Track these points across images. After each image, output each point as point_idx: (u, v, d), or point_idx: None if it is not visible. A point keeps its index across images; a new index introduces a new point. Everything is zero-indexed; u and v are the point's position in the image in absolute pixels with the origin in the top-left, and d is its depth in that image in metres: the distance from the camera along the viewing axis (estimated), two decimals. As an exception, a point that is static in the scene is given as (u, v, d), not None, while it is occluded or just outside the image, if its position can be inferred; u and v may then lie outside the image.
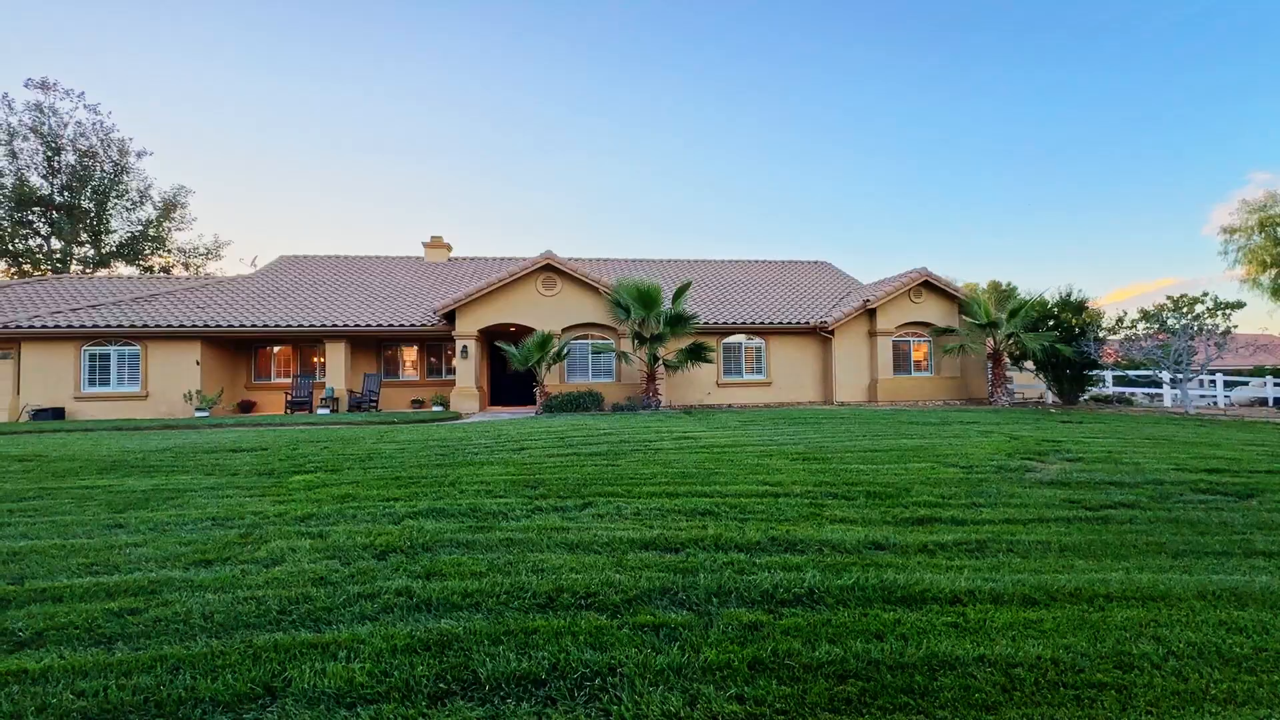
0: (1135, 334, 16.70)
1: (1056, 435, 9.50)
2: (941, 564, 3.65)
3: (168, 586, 3.34)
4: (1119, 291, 63.06)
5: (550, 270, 17.23)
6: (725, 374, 18.62)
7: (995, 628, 2.77)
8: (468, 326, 16.70)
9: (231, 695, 2.27)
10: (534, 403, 16.64)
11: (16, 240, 29.98)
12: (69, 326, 15.40)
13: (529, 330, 16.97)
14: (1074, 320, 16.98)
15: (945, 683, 2.32)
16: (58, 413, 15.14)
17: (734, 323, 18.20)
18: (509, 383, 20.22)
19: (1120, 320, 17.06)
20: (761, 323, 18.32)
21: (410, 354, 19.11)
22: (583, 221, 64.58)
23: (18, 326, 15.14)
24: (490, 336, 18.46)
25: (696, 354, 16.10)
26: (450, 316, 16.96)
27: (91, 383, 15.86)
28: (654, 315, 15.92)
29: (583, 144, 55.60)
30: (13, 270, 29.91)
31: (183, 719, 2.15)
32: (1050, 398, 18.72)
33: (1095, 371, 17.86)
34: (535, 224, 63.70)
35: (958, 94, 50.77)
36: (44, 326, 15.30)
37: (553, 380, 16.96)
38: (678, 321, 16.05)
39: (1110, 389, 19.47)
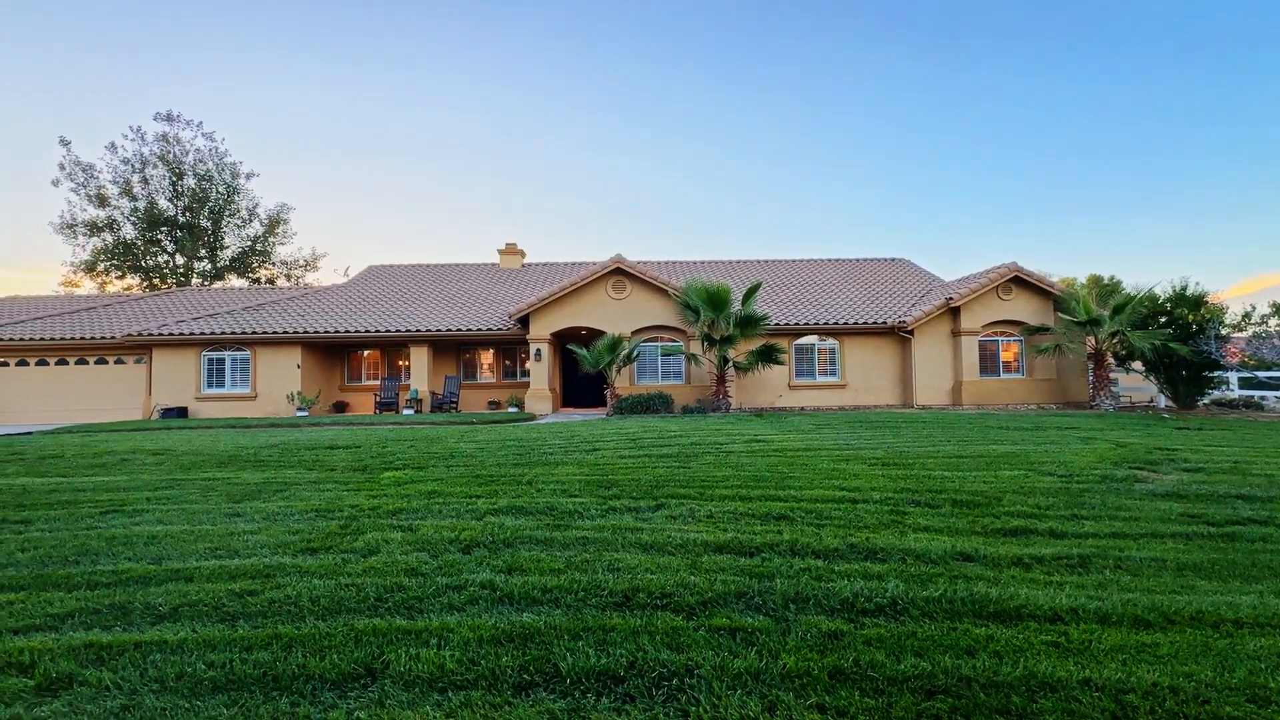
0: (1266, 330, 14.95)
1: (1171, 443, 8.65)
2: (1039, 579, 3.42)
3: (280, 571, 3.65)
4: (1245, 283, 55.46)
5: (620, 274, 17.45)
6: (797, 376, 18.19)
7: (1102, 650, 2.57)
8: (541, 330, 17.20)
9: (338, 674, 2.46)
10: (604, 404, 16.91)
11: (148, 257, 33.69)
12: (191, 334, 17.13)
13: (599, 333, 17.26)
14: (1191, 316, 15.35)
15: (1045, 705, 2.18)
16: (182, 411, 16.85)
17: (806, 323, 17.74)
18: (580, 385, 20.63)
19: (1247, 316, 15.36)
20: (835, 323, 17.76)
21: (487, 357, 19.90)
22: (648, 226, 64.95)
23: (149, 334, 16.99)
24: (562, 339, 18.91)
25: (767, 356, 15.83)
26: (524, 320, 17.52)
27: (209, 384, 17.54)
28: (723, 317, 15.79)
29: (645, 152, 56.05)
30: (144, 284, 33.61)
31: (296, 693, 2.35)
32: (1162, 401, 17.03)
33: (1216, 373, 16.05)
34: (602, 229, 64.70)
35: (1050, 91, 47.33)
36: (170, 334, 17.08)
37: (623, 382, 17.16)
38: (747, 323, 15.84)
39: (1235, 392, 17.46)
